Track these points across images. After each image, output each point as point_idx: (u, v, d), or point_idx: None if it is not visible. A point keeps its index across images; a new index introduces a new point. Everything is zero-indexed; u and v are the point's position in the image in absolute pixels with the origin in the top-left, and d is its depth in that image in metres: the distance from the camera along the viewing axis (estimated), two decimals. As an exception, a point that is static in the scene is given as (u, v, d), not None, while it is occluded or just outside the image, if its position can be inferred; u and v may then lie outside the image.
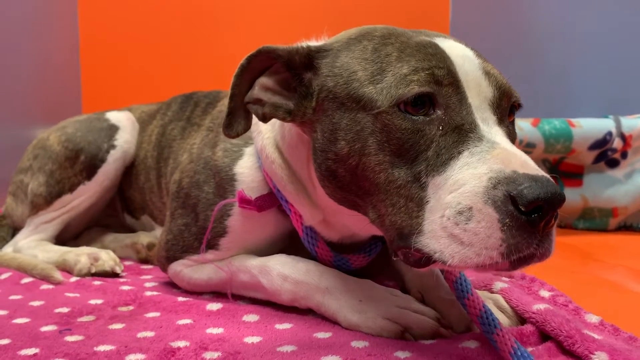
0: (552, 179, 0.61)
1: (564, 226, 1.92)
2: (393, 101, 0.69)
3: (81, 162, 1.37)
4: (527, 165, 0.63)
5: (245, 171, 0.99)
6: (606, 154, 1.83)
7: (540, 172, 0.62)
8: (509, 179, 0.61)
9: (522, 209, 0.59)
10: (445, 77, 0.69)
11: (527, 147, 1.81)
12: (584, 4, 2.49)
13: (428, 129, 0.68)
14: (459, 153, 0.66)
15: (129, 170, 1.46)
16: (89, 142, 1.38)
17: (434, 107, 0.69)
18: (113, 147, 1.40)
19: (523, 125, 1.81)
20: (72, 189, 1.37)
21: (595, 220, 1.87)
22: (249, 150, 1.00)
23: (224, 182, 1.00)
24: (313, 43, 0.88)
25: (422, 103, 0.68)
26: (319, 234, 0.95)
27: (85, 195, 1.39)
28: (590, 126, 1.81)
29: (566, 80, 2.54)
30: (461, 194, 0.63)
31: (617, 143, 1.81)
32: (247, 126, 0.84)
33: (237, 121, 0.82)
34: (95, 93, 2.45)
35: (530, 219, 0.59)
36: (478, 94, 0.71)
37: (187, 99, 1.44)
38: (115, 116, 1.47)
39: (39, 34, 2.23)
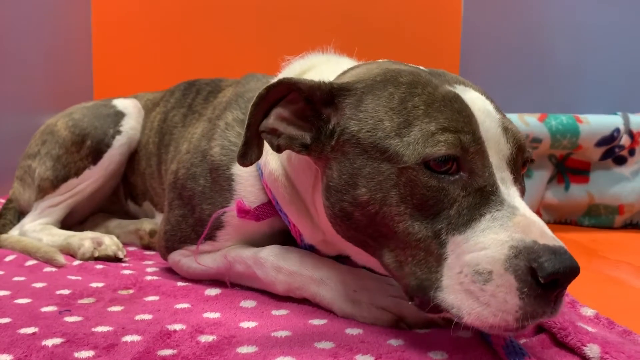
0: (567, 250, 0.63)
1: (570, 223, 1.91)
2: (420, 158, 0.68)
3: (87, 147, 1.39)
4: (546, 235, 0.64)
5: (245, 174, 0.98)
6: (613, 150, 1.82)
7: (558, 241, 0.64)
8: (530, 249, 0.62)
9: (541, 281, 0.61)
10: (471, 144, 0.69)
11: (533, 143, 1.79)
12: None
13: (452, 188, 0.68)
14: (481, 215, 0.67)
15: (133, 157, 1.47)
16: (95, 128, 1.40)
17: (459, 168, 0.69)
18: (119, 132, 1.42)
19: (529, 120, 1.80)
20: (78, 173, 1.39)
21: (601, 217, 1.86)
22: None
23: (221, 180, 1.00)
24: (337, 74, 0.88)
25: (446, 162, 0.69)
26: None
27: (90, 180, 1.41)
28: (597, 122, 1.79)
29: (575, 77, 2.52)
30: (482, 257, 0.64)
31: (624, 140, 1.79)
32: (260, 154, 0.82)
33: (251, 150, 0.81)
34: (107, 81, 2.46)
35: (546, 290, 0.62)
36: (497, 152, 0.71)
37: (189, 86, 1.45)
38: (121, 103, 1.49)
39: (52, 22, 2.25)
